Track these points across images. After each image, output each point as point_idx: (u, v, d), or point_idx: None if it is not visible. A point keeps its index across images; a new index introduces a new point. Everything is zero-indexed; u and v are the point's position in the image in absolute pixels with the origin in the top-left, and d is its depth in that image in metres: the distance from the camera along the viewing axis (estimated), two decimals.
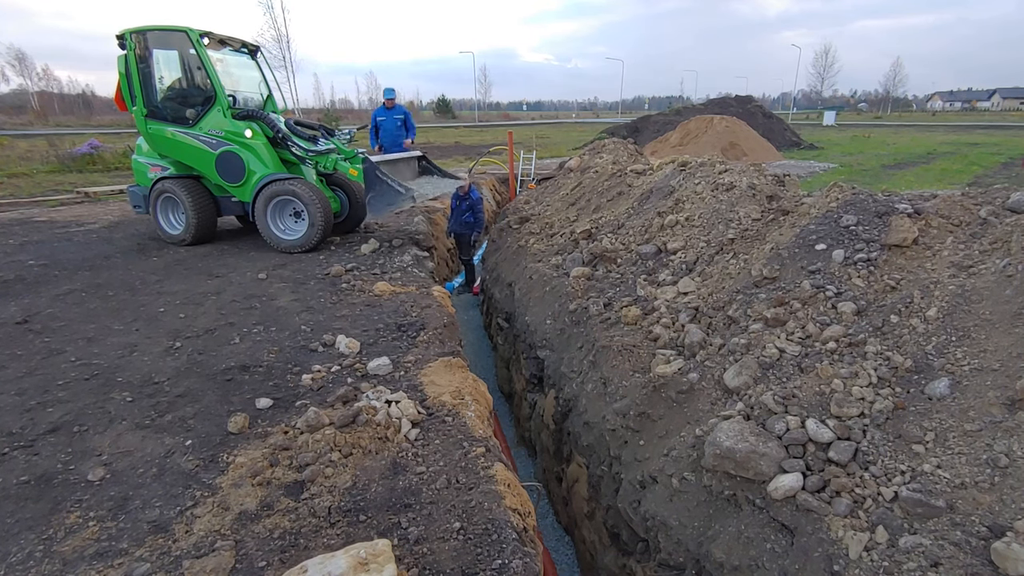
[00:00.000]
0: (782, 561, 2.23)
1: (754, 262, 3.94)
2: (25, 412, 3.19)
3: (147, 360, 3.86)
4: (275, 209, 6.69)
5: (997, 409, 2.22)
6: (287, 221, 6.84)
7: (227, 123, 6.63)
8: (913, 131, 38.26)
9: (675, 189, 5.78)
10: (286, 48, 37.85)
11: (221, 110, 6.61)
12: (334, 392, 3.30)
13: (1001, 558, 1.78)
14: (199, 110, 6.71)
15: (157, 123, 6.83)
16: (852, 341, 2.88)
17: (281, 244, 6.71)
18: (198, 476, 2.65)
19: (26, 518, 2.39)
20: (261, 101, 7.63)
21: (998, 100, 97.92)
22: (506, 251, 7.44)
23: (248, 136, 6.65)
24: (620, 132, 27.10)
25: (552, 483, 4.46)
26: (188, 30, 6.45)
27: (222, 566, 2.11)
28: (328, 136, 7.26)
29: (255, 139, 6.71)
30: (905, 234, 3.28)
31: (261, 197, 6.57)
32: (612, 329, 4.10)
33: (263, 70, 7.71)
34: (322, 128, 7.41)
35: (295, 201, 6.57)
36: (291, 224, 6.85)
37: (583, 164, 9.49)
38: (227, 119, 6.63)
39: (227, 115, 6.62)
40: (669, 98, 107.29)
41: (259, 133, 6.76)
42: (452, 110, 77.10)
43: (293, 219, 6.82)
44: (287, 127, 6.94)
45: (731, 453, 2.50)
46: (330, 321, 4.57)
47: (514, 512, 2.45)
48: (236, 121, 6.65)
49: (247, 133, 6.63)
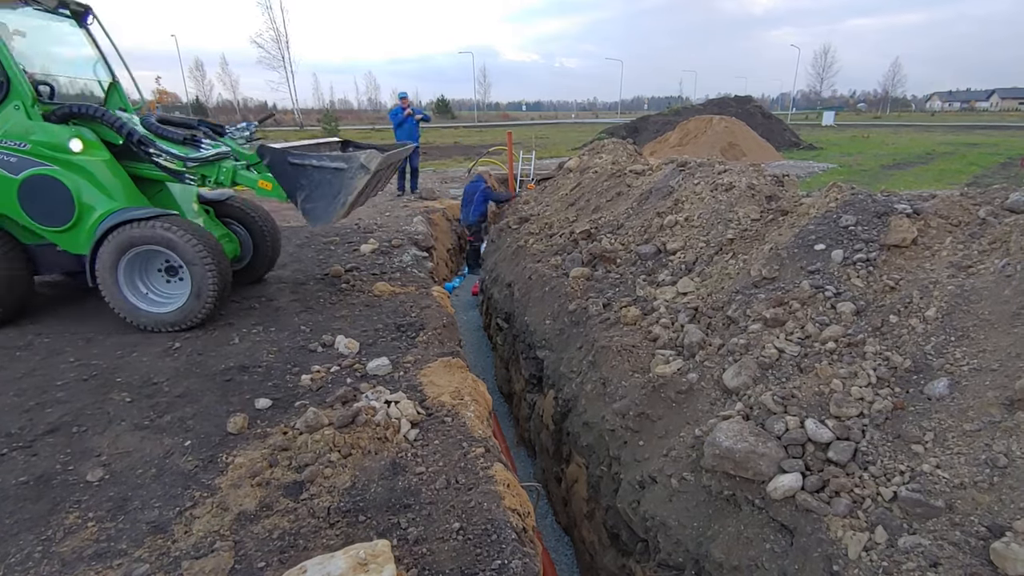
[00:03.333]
0: (781, 561, 2.23)
1: (753, 262, 3.95)
2: (24, 412, 3.18)
3: (146, 360, 3.85)
4: (132, 265, 4.30)
5: (996, 409, 2.22)
6: (154, 281, 4.48)
7: (36, 128, 4.20)
8: (912, 131, 38.30)
9: (674, 189, 5.78)
10: (285, 48, 37.86)
11: (23, 107, 4.17)
12: (333, 392, 3.30)
13: (1000, 558, 1.78)
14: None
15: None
16: (851, 341, 2.89)
17: (144, 319, 4.33)
18: (197, 477, 2.65)
19: (25, 518, 2.39)
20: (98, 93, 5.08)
21: (997, 100, 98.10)
22: (505, 251, 7.44)
23: (76, 148, 4.25)
24: (619, 132, 27.09)
25: (551, 483, 4.46)
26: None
27: (221, 567, 2.10)
28: (216, 136, 4.91)
29: (90, 152, 4.33)
30: (904, 234, 3.29)
31: (108, 248, 4.17)
32: (611, 329, 4.10)
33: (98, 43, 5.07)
34: (203, 124, 5.01)
35: (166, 252, 4.25)
36: (160, 285, 4.49)
37: (582, 164, 9.49)
38: (35, 121, 4.20)
39: (34, 115, 4.20)
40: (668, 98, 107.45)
41: (96, 143, 4.38)
42: (451, 110, 77.14)
43: (164, 277, 4.48)
44: (146, 127, 4.60)
45: (730, 453, 2.50)
46: (329, 321, 4.57)
47: (513, 512, 2.45)
48: (53, 125, 4.25)
49: (74, 144, 4.24)
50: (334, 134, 29.03)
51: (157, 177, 4.70)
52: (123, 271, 4.26)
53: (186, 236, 4.17)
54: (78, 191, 4.25)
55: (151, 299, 4.41)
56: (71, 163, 4.25)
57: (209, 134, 4.86)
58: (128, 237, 4.15)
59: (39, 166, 4.20)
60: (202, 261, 4.19)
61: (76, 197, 4.24)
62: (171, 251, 4.21)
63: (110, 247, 4.17)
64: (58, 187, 4.21)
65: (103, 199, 4.33)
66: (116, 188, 4.40)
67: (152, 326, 4.35)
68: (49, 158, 4.21)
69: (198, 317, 4.34)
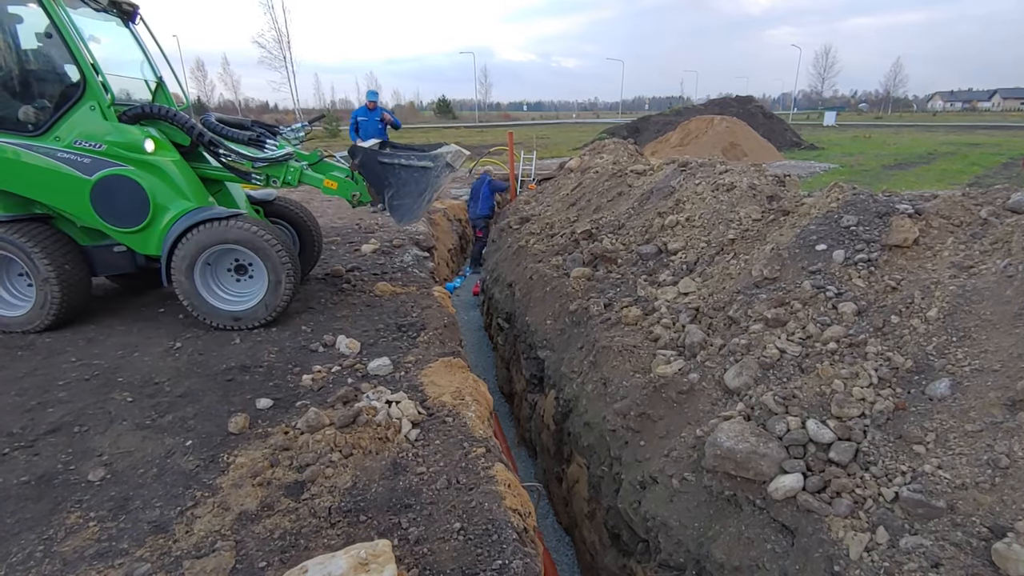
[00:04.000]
0: (782, 562, 2.23)
1: (755, 262, 3.94)
2: (25, 412, 3.19)
3: (147, 360, 3.86)
4: (206, 265, 4.37)
5: (998, 410, 2.22)
6: (224, 280, 4.53)
7: (111, 129, 4.14)
8: (914, 131, 38.24)
9: (675, 189, 5.78)
10: (287, 48, 37.92)
11: (98, 108, 4.12)
12: (334, 392, 3.30)
13: (1002, 559, 1.78)
14: (52, 108, 4.17)
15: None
16: (853, 341, 2.88)
17: (224, 316, 4.40)
18: (198, 476, 2.66)
19: (26, 518, 2.39)
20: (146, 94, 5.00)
21: (999, 100, 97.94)
22: (506, 251, 7.43)
23: (149, 149, 4.23)
24: (620, 132, 27.09)
25: (552, 483, 4.46)
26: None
27: (222, 566, 2.11)
28: (271, 136, 4.88)
29: (161, 152, 4.31)
30: (906, 234, 3.28)
31: (185, 248, 4.18)
32: (612, 329, 4.10)
33: (142, 43, 4.96)
34: (256, 125, 4.94)
35: (242, 251, 4.31)
36: (231, 285, 4.54)
37: (583, 164, 9.49)
38: (111, 122, 4.15)
39: (110, 115, 4.15)
40: (669, 98, 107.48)
41: (166, 143, 4.38)
42: (452, 111, 77.18)
43: (234, 277, 4.53)
44: (206, 127, 4.56)
45: (731, 454, 2.50)
46: (330, 321, 4.57)
47: (514, 512, 2.45)
48: (127, 125, 4.21)
49: (147, 144, 4.21)
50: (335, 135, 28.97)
51: (217, 177, 4.74)
52: (200, 272, 4.32)
53: (265, 235, 4.24)
54: (153, 192, 4.22)
55: (223, 297, 4.46)
56: (146, 163, 4.22)
57: (265, 134, 4.81)
58: (207, 237, 4.17)
59: (112, 166, 4.15)
60: (280, 259, 4.27)
61: (151, 198, 4.22)
62: (250, 250, 4.26)
63: (187, 247, 4.19)
64: (134, 188, 4.18)
65: (177, 199, 4.32)
66: (188, 188, 4.39)
67: (229, 322, 4.41)
68: (123, 159, 4.17)
69: (274, 313, 4.42)
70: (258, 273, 4.40)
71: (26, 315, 4.31)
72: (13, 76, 4.19)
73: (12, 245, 4.15)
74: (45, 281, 4.19)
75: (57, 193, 4.23)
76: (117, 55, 4.80)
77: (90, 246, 4.58)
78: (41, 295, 4.24)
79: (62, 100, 4.15)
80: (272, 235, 4.30)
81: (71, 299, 4.36)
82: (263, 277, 4.35)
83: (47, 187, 4.22)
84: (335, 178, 4.61)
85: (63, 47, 3.99)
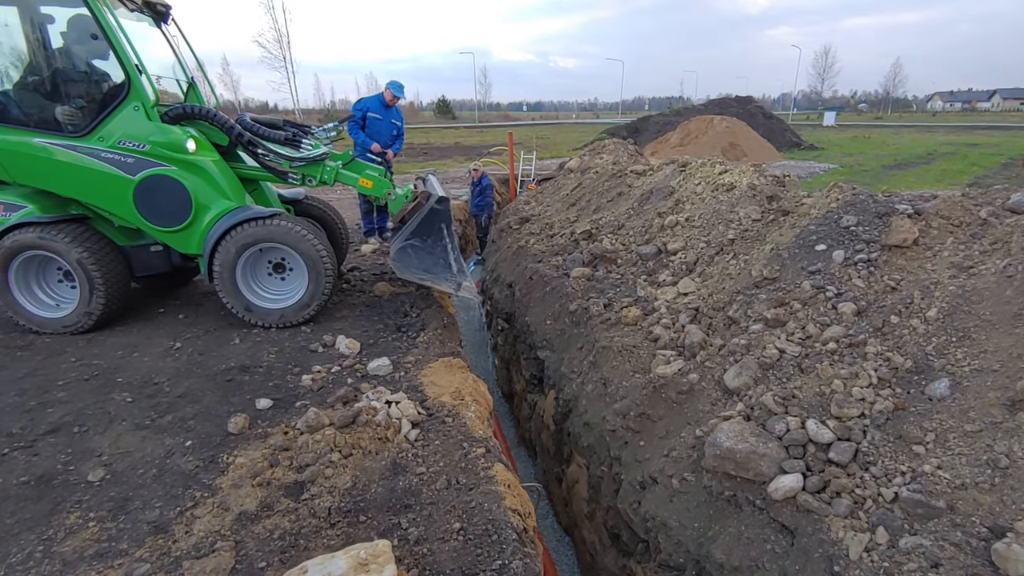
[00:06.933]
0: (782, 562, 2.23)
1: (754, 263, 3.94)
2: (25, 412, 3.19)
3: (147, 360, 3.85)
4: (248, 264, 4.38)
5: (997, 410, 2.22)
6: (262, 279, 4.55)
7: (155, 129, 4.17)
8: (913, 131, 38.26)
9: (675, 190, 5.78)
10: (287, 48, 37.94)
11: (143, 108, 4.15)
12: (334, 393, 3.30)
13: (1002, 559, 1.78)
14: (96, 109, 4.17)
15: (6, 129, 4.11)
16: (852, 342, 2.88)
17: (267, 316, 4.43)
18: (198, 477, 2.65)
19: (26, 518, 2.39)
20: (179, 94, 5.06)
21: (998, 100, 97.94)
22: (506, 251, 7.44)
23: (191, 149, 4.25)
24: (620, 133, 27.09)
25: (552, 484, 4.46)
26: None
27: (222, 567, 2.11)
28: (304, 136, 4.92)
29: (202, 153, 4.35)
30: (905, 235, 3.28)
31: (227, 247, 4.19)
32: (612, 330, 4.10)
33: (173, 44, 4.98)
34: (289, 125, 4.95)
35: (280, 248, 4.36)
36: (270, 283, 4.56)
37: (583, 165, 9.50)
38: (154, 122, 4.18)
39: (154, 116, 4.19)
40: (669, 99, 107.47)
41: (206, 143, 4.44)
42: (452, 111, 77.16)
43: (273, 274, 4.56)
44: (247, 128, 4.59)
45: (731, 454, 2.50)
46: (330, 321, 4.57)
47: (514, 513, 2.45)
48: (170, 125, 4.26)
49: (189, 144, 4.24)
50: None
51: (254, 177, 4.81)
52: (241, 271, 4.34)
53: (305, 234, 4.28)
54: (196, 191, 4.26)
55: (261, 295, 4.49)
56: (188, 163, 4.25)
57: (299, 134, 4.84)
58: (250, 235, 4.19)
59: (156, 166, 4.18)
60: (320, 257, 4.31)
61: (193, 197, 4.25)
62: (291, 248, 4.30)
63: (230, 246, 4.20)
64: (177, 187, 4.21)
65: (218, 199, 4.37)
66: (228, 188, 4.43)
67: (272, 320, 4.45)
68: (166, 159, 4.21)
69: (313, 311, 4.46)
70: (297, 270, 4.45)
71: (68, 316, 4.31)
72: (56, 78, 4.22)
73: (53, 246, 4.13)
74: (91, 283, 4.20)
75: (100, 193, 4.25)
76: (150, 55, 4.77)
77: (127, 246, 4.59)
78: (85, 296, 4.23)
79: (106, 101, 4.19)
80: (312, 233, 4.35)
81: (115, 300, 4.39)
82: (303, 275, 4.39)
83: (90, 187, 4.23)
84: (371, 177, 4.74)
85: (108, 48, 4.02)
